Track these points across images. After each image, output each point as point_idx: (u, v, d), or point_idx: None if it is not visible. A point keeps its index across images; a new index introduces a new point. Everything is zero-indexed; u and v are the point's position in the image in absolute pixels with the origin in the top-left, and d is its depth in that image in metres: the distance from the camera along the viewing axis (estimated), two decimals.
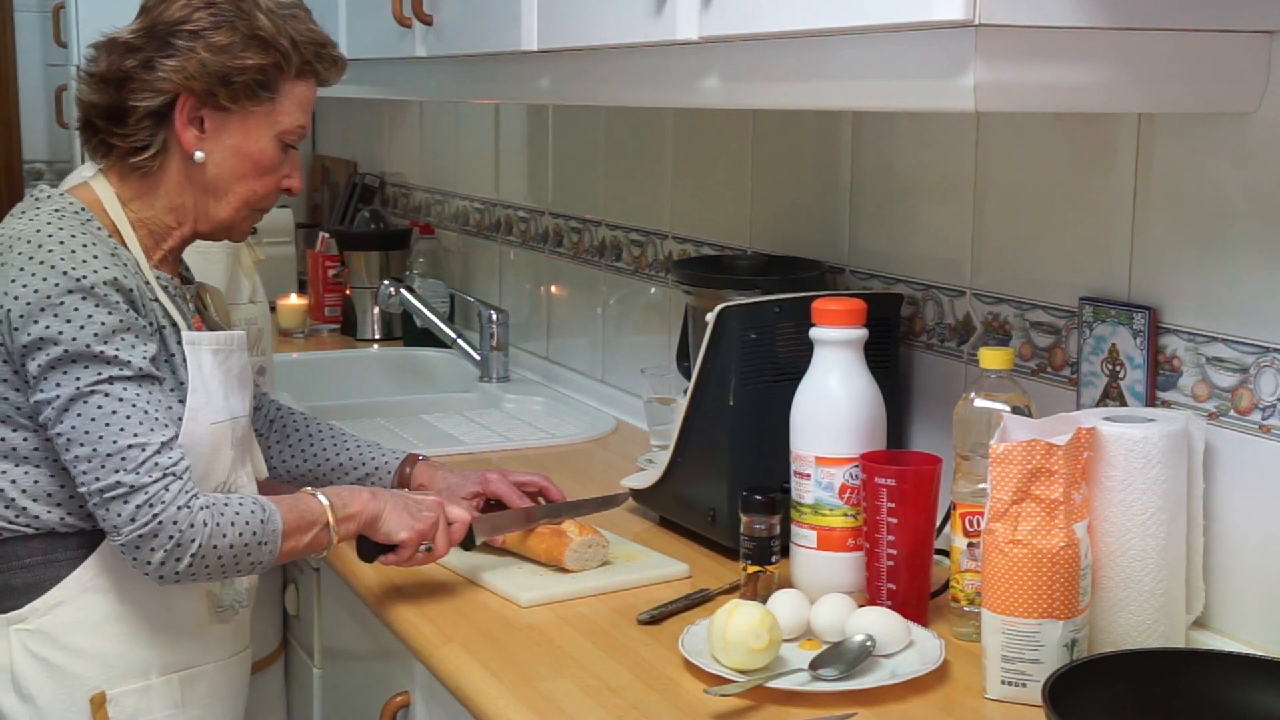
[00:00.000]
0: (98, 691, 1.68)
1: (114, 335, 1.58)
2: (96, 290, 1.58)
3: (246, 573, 1.65)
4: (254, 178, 1.74)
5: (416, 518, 1.73)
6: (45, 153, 4.61)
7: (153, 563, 1.57)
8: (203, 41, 1.66)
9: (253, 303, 2.40)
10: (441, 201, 3.56)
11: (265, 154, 1.73)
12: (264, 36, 1.68)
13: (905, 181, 1.97)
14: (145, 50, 1.68)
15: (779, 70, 1.52)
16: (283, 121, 1.73)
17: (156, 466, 1.56)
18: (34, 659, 1.67)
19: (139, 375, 1.59)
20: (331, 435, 2.02)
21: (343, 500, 1.71)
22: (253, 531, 1.61)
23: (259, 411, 2.01)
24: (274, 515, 1.64)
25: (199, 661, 1.77)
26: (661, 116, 2.54)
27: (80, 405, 1.56)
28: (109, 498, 1.56)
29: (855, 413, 1.69)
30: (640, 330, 2.66)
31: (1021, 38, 1.27)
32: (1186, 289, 1.56)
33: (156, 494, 1.56)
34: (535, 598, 1.74)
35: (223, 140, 1.70)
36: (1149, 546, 1.48)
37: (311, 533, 1.67)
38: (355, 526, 1.71)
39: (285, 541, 1.64)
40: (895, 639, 1.54)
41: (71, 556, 1.67)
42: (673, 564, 1.84)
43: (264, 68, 1.69)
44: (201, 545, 1.57)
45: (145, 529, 1.55)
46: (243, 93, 1.68)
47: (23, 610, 1.66)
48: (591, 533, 1.84)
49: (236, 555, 1.60)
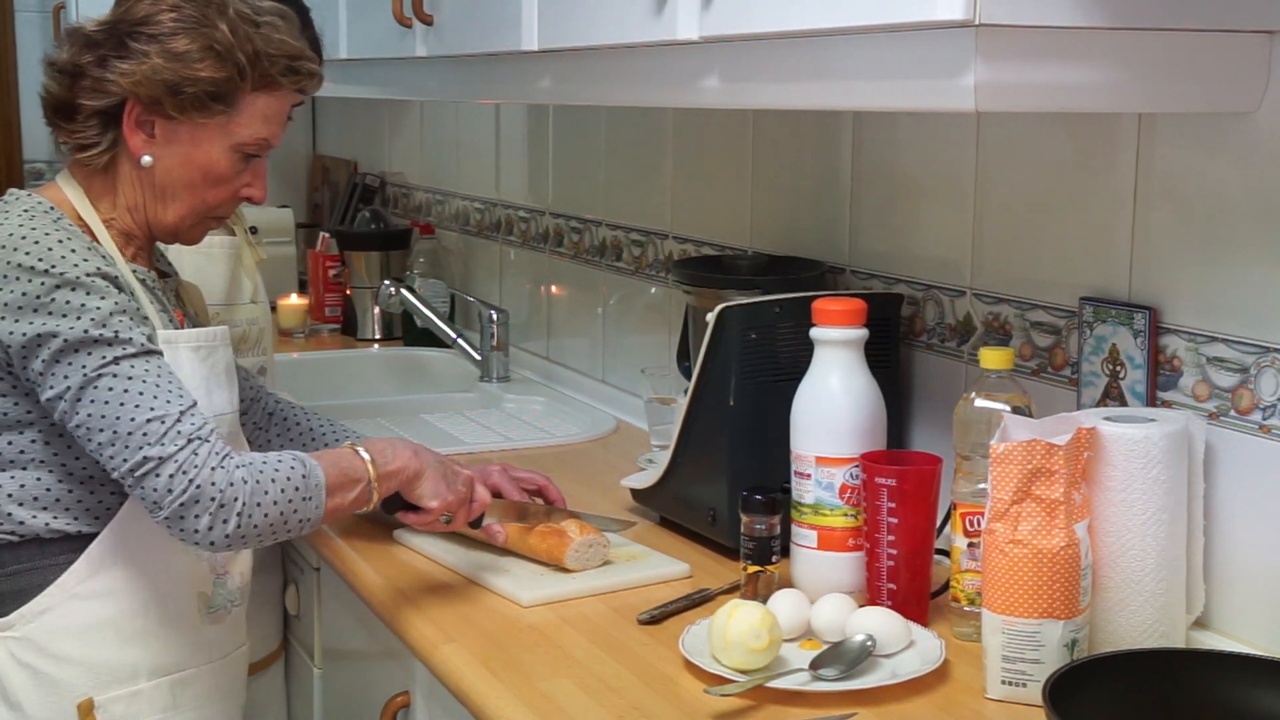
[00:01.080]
0: (85, 698, 1.67)
1: (110, 318, 1.57)
2: (83, 281, 1.57)
3: (296, 532, 1.60)
4: (204, 187, 1.70)
5: (451, 489, 1.73)
6: (45, 153, 4.60)
7: (200, 530, 1.53)
8: (158, 46, 1.63)
9: (254, 302, 2.40)
10: (442, 201, 3.56)
11: (217, 164, 1.69)
12: (220, 49, 1.64)
13: (905, 181, 1.97)
14: (103, 48, 1.65)
15: (779, 70, 1.52)
16: (239, 134, 1.68)
17: (180, 434, 1.54)
18: (20, 667, 1.66)
19: (143, 351, 1.58)
20: (331, 430, 2.01)
21: (385, 457, 1.68)
22: (295, 487, 1.58)
23: (256, 404, 2.00)
24: (315, 470, 1.61)
25: (190, 664, 1.75)
26: (661, 116, 2.54)
27: (92, 391, 1.55)
28: (141, 475, 1.54)
29: (855, 413, 1.69)
30: (640, 330, 2.66)
31: (1021, 38, 1.27)
32: (1187, 289, 1.56)
33: (187, 460, 1.53)
34: (537, 597, 1.74)
35: (172, 148, 1.67)
36: (1149, 546, 1.48)
37: (355, 490, 1.65)
38: (396, 484, 1.69)
39: (330, 498, 1.61)
40: (895, 639, 1.54)
41: (57, 563, 1.66)
42: (673, 564, 1.84)
43: (216, 80, 1.64)
44: (245, 504, 1.54)
45: (185, 496, 1.52)
46: (191, 104, 1.64)
47: (9, 618, 1.65)
48: (593, 532, 1.84)
49: (283, 512, 1.57)
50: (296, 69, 1.71)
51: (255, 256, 2.40)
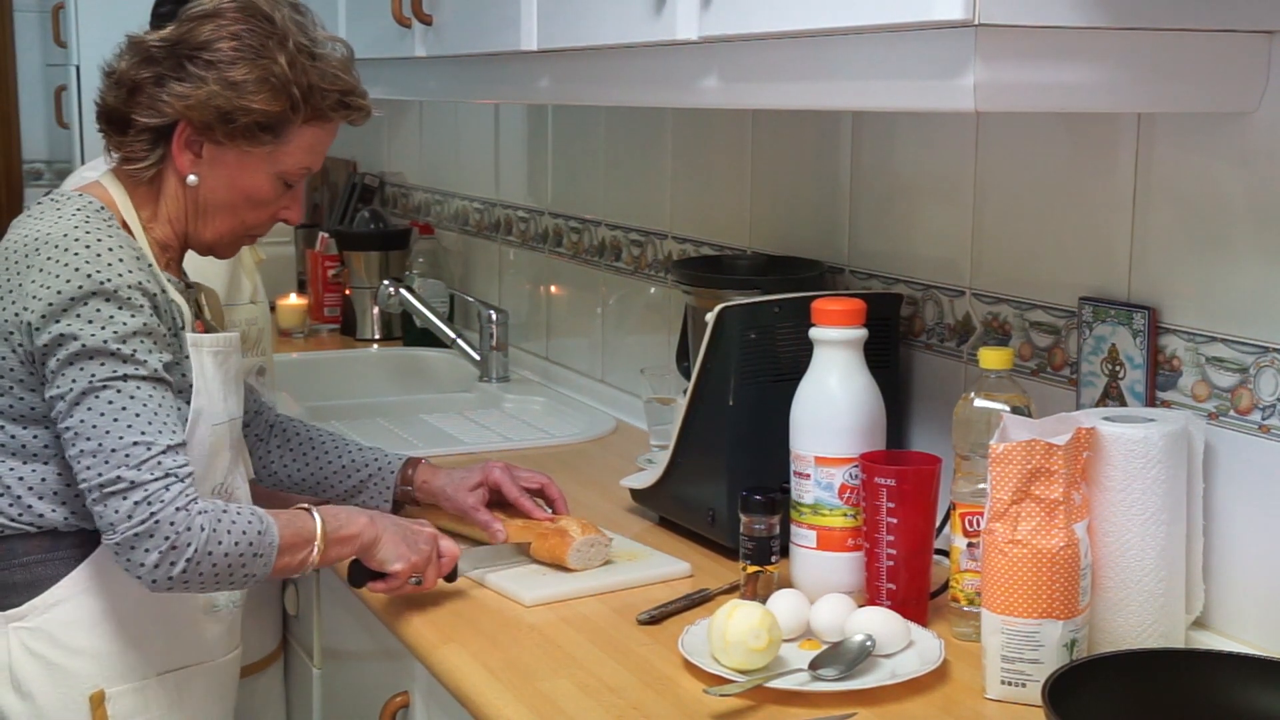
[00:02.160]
0: (97, 690, 1.68)
1: (133, 337, 1.58)
2: (120, 293, 1.58)
3: (239, 585, 1.62)
4: (245, 209, 1.72)
5: (413, 549, 1.72)
6: (45, 153, 4.61)
7: (146, 564, 1.54)
8: (216, 73, 1.64)
9: (253, 303, 2.40)
10: (441, 201, 3.56)
11: (260, 189, 1.71)
12: (276, 83, 1.65)
13: (905, 181, 1.97)
14: (161, 66, 1.66)
15: (779, 70, 1.52)
16: (284, 163, 1.70)
17: (159, 466, 1.55)
18: (33, 657, 1.67)
19: (153, 377, 1.59)
20: (333, 440, 2.01)
21: (337, 521, 1.68)
22: (249, 542, 1.58)
23: (259, 416, 2.01)
24: (271, 528, 1.61)
25: (194, 661, 1.77)
26: (661, 116, 2.54)
27: (91, 399, 1.56)
28: (108, 493, 1.54)
29: (855, 413, 1.69)
30: (640, 330, 2.66)
31: (1021, 38, 1.27)
32: (1186, 289, 1.56)
33: (156, 492, 1.54)
34: (538, 597, 1.74)
35: (217, 170, 1.69)
36: (1149, 546, 1.48)
37: (303, 552, 1.65)
38: (351, 550, 1.69)
39: (280, 557, 1.62)
40: (895, 639, 1.54)
41: (71, 555, 1.67)
42: (675, 563, 1.84)
43: (269, 113, 1.66)
44: (197, 550, 1.54)
45: (141, 528, 1.53)
46: (240, 133, 1.66)
47: (22, 608, 1.66)
48: (594, 532, 1.84)
49: (231, 565, 1.57)
50: (348, 104, 1.72)
51: (255, 257, 2.40)
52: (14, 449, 1.64)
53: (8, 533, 1.65)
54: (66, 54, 3.96)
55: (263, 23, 1.67)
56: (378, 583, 1.73)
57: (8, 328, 1.60)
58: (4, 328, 1.61)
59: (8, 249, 1.65)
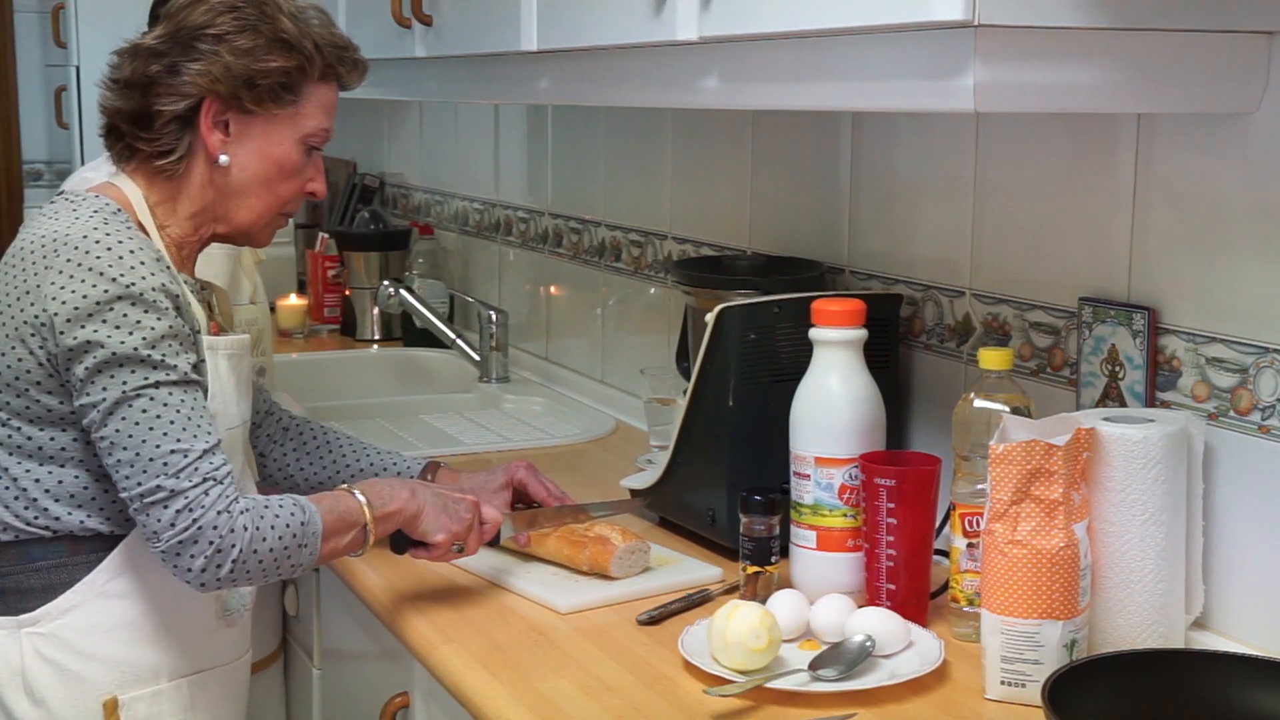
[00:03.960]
0: (110, 696, 1.67)
1: (161, 341, 1.58)
2: (146, 296, 1.58)
3: (287, 575, 1.64)
4: (279, 180, 1.73)
5: (454, 519, 1.73)
6: (44, 153, 4.61)
7: (193, 569, 1.55)
8: (227, 45, 1.66)
9: (253, 303, 2.40)
10: (441, 202, 3.56)
11: (289, 157, 1.72)
12: (288, 39, 1.68)
13: (905, 181, 1.97)
14: (170, 55, 1.67)
15: (779, 70, 1.52)
16: (306, 124, 1.72)
17: (197, 471, 1.56)
18: (46, 663, 1.66)
19: (184, 380, 1.59)
20: (349, 443, 2.01)
21: (381, 498, 1.70)
22: (293, 534, 1.60)
23: (270, 417, 2.01)
24: (314, 517, 1.63)
25: (207, 665, 1.76)
26: (661, 116, 2.54)
27: (125, 409, 1.56)
28: (149, 503, 1.55)
29: (855, 413, 1.69)
30: (639, 331, 2.66)
31: (1021, 38, 1.27)
32: (1186, 289, 1.56)
33: (196, 499, 1.55)
34: (574, 604, 1.73)
35: (247, 144, 1.70)
36: (1148, 547, 1.48)
37: (350, 534, 1.66)
38: (393, 525, 1.71)
39: (325, 543, 1.63)
40: (895, 639, 1.54)
41: (86, 560, 1.66)
42: (707, 568, 1.83)
43: (288, 70, 1.68)
44: (242, 550, 1.56)
45: (185, 534, 1.54)
46: (267, 95, 1.68)
47: (36, 613, 1.66)
48: (634, 538, 1.82)
49: (277, 559, 1.59)
50: (349, 60, 1.76)
51: (254, 257, 2.40)
52: (30, 451, 1.63)
53: (23, 537, 1.64)
54: (66, 54, 3.97)
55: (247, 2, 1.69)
56: (420, 550, 1.74)
57: (27, 329, 1.59)
58: (23, 329, 1.60)
59: (24, 248, 1.64)
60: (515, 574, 1.82)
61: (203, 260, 1.86)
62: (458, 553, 1.75)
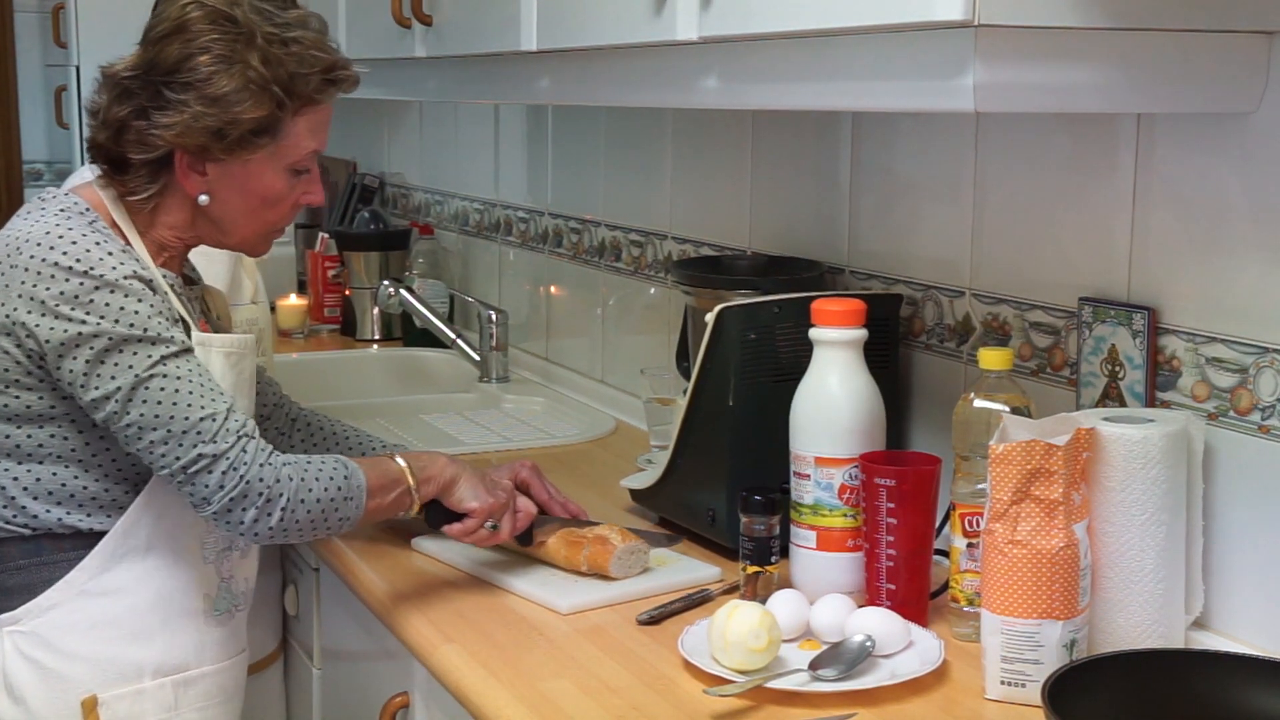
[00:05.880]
0: (89, 695, 1.67)
1: (150, 320, 1.59)
2: (120, 284, 1.59)
3: (335, 530, 1.67)
4: (263, 209, 1.72)
5: (491, 491, 1.76)
6: (45, 153, 4.61)
7: (245, 522, 1.59)
8: (195, 93, 1.61)
9: (254, 303, 2.40)
10: (441, 202, 3.56)
11: (273, 187, 1.70)
12: (257, 85, 1.62)
13: (905, 181, 1.97)
14: (139, 98, 1.64)
15: (778, 70, 1.52)
16: (289, 156, 1.69)
17: (229, 431, 1.59)
18: (26, 661, 1.66)
19: (184, 349, 1.62)
20: (356, 436, 2.01)
21: (421, 463, 1.74)
22: (338, 486, 1.64)
23: (279, 409, 2.00)
24: (357, 472, 1.67)
25: (194, 665, 1.76)
26: (661, 116, 2.54)
27: (143, 391, 1.58)
28: (194, 472, 1.58)
29: (854, 413, 1.69)
30: (639, 331, 2.66)
31: (1021, 38, 1.27)
32: (1186, 289, 1.56)
33: (237, 457, 1.59)
34: (574, 605, 1.72)
35: (226, 182, 1.68)
36: (1148, 546, 1.48)
37: (394, 493, 1.70)
38: (433, 489, 1.74)
39: (370, 499, 1.67)
40: (895, 639, 1.54)
41: (66, 559, 1.66)
42: (706, 568, 1.83)
43: (259, 118, 1.64)
44: (289, 499, 1.60)
45: (235, 491, 1.58)
46: (237, 144, 1.64)
47: (16, 612, 1.66)
48: (633, 539, 1.82)
49: (324, 510, 1.63)
50: (333, 79, 1.70)
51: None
52: (8, 449, 1.64)
53: (1, 535, 1.65)
54: (66, 54, 3.96)
55: (228, 25, 1.63)
56: (454, 525, 1.76)
57: (0, 330, 1.60)
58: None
59: None
60: (515, 574, 1.82)
61: (203, 260, 1.86)
62: (491, 531, 1.76)
